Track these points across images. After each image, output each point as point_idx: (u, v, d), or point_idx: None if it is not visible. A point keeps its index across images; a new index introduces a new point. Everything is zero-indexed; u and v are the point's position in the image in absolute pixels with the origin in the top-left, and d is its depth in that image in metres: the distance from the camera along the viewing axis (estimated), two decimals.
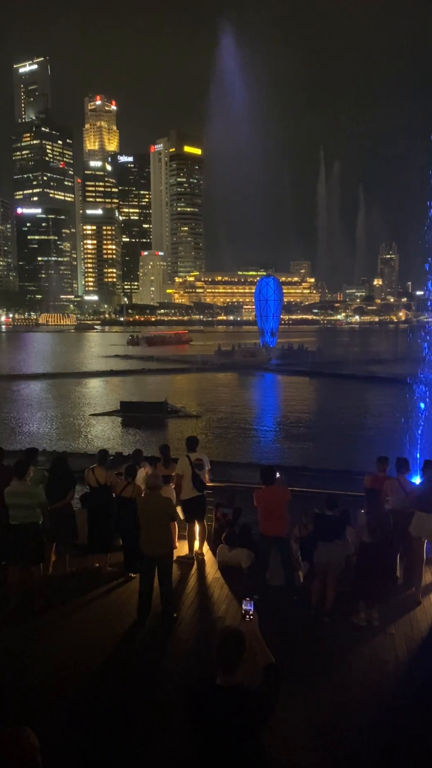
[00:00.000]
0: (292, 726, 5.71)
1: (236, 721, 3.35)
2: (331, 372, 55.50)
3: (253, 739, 3.40)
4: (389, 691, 6.58)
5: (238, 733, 3.35)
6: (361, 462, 20.30)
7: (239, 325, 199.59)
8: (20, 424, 31.35)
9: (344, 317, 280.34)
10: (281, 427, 31.03)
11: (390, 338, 70.09)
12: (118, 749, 5.58)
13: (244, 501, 10.60)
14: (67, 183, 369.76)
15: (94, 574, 9.68)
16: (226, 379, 54.57)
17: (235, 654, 3.43)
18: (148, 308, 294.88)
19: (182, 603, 8.68)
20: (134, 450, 11.27)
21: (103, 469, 9.92)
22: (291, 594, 8.74)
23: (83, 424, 31.23)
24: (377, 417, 33.12)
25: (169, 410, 33.08)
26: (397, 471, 9.55)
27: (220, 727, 3.34)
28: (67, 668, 6.99)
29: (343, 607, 8.21)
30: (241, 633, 3.52)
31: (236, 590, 8.96)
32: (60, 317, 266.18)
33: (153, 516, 8.07)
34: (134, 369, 60.28)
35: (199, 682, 3.75)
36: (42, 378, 52.48)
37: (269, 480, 8.88)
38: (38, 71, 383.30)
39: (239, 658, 3.43)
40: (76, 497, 10.58)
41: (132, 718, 6.03)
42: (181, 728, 5.81)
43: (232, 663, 3.42)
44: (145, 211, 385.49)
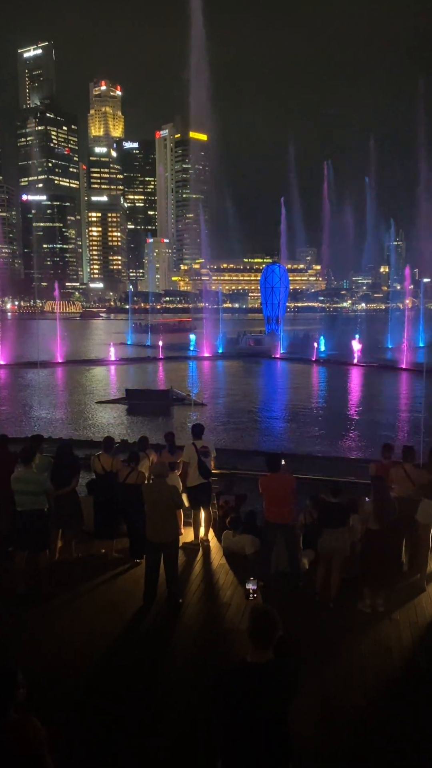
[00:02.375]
0: (296, 712, 5.74)
1: (273, 696, 3.45)
2: (337, 360, 55.35)
3: (285, 713, 3.53)
4: (394, 677, 6.62)
5: (273, 709, 3.46)
6: (366, 449, 20.35)
7: (244, 313, 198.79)
8: (26, 411, 31.46)
9: (350, 304, 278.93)
10: (286, 414, 31.01)
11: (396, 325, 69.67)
12: (125, 733, 5.63)
13: (249, 488, 10.63)
14: (72, 169, 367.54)
15: (101, 560, 9.74)
16: (231, 367, 54.50)
17: (270, 631, 3.52)
18: (154, 296, 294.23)
19: (188, 588, 8.74)
20: (139, 437, 11.29)
21: (108, 456, 9.95)
22: (296, 580, 8.78)
23: (88, 411, 31.30)
24: (383, 405, 33.06)
25: (174, 398, 33.10)
26: (404, 459, 9.54)
27: (257, 704, 3.42)
28: (74, 654, 7.05)
29: (348, 593, 8.25)
30: (274, 611, 3.59)
31: (241, 576, 9.00)
32: (65, 305, 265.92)
33: (159, 503, 8.10)
34: (139, 357, 60.27)
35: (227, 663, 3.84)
36: (47, 366, 52.54)
37: (275, 467, 8.91)
38: (43, 56, 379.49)
39: (274, 635, 3.52)
40: (83, 484, 10.63)
41: (139, 702, 6.09)
42: (188, 711, 5.88)
43: (268, 640, 3.51)
44: (151, 198, 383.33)
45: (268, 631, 3.51)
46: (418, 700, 6.20)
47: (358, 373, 48.49)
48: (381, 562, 8.00)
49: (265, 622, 3.52)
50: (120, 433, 24.28)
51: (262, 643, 3.50)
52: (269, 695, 3.43)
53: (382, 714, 5.95)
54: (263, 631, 3.51)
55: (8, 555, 8.95)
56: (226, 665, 3.76)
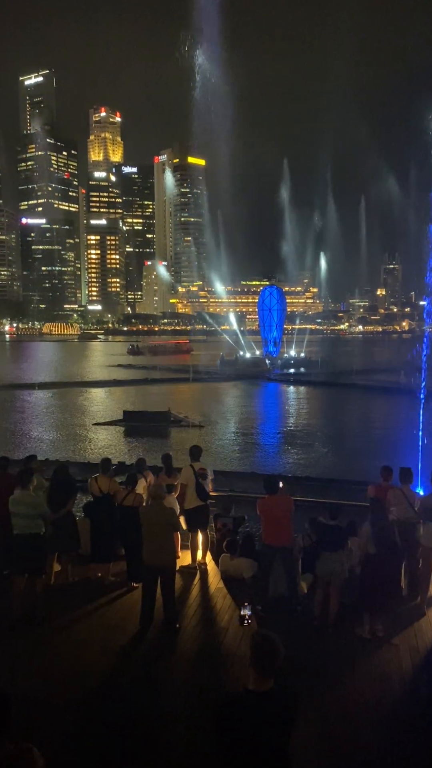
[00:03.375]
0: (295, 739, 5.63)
1: (275, 724, 3.41)
2: (334, 381, 55.45)
3: (287, 742, 3.49)
4: (394, 706, 6.50)
5: (275, 737, 3.42)
6: (364, 472, 20.26)
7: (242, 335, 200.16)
8: (24, 433, 31.35)
9: (348, 327, 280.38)
10: (284, 436, 30.95)
11: (393, 347, 70.14)
12: (122, 762, 5.52)
13: (247, 510, 10.57)
14: (72, 193, 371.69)
15: (97, 584, 9.63)
16: (229, 389, 54.53)
17: (272, 658, 3.46)
18: (152, 318, 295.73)
19: (185, 613, 8.63)
20: (137, 459, 11.25)
21: (105, 478, 9.91)
22: (294, 605, 8.68)
23: (86, 433, 31.21)
24: (381, 426, 33.03)
25: (171, 419, 33.04)
26: (401, 481, 9.50)
27: (259, 733, 3.37)
28: (69, 681, 6.93)
29: (347, 618, 8.15)
30: (276, 638, 3.54)
31: (239, 601, 8.90)
32: (64, 327, 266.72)
33: (156, 526, 8.04)
34: (137, 378, 60.32)
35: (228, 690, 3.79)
36: (45, 387, 52.51)
37: (272, 489, 8.87)
38: (44, 84, 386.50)
39: (276, 663, 3.47)
40: (80, 506, 10.56)
41: (135, 729, 5.98)
42: (185, 738, 5.77)
43: (270, 668, 3.45)
44: (149, 222, 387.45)
45: (271, 659, 3.45)
46: (419, 728, 6.08)
47: (356, 394, 48.53)
48: (380, 586, 7.91)
49: (268, 649, 3.47)
50: (118, 454, 24.19)
51: (265, 671, 3.45)
52: (271, 724, 3.39)
53: (383, 742, 5.84)
54: (266, 658, 3.45)
55: (4, 578, 8.85)
56: (228, 693, 3.70)
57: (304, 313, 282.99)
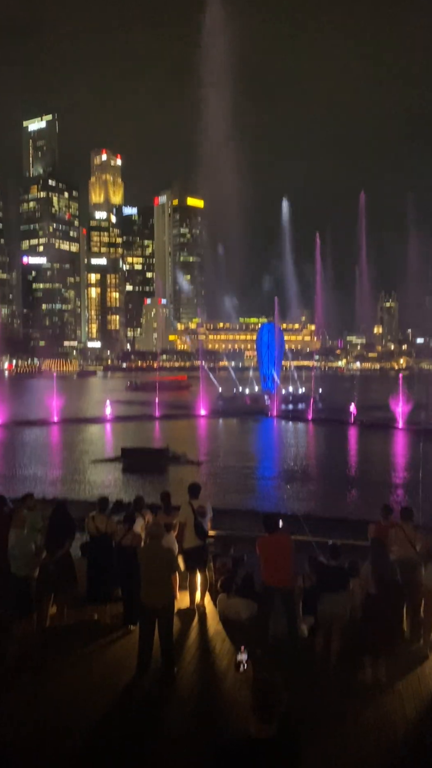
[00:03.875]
0: None
1: None
2: (333, 418, 55.38)
3: None
4: (398, 753, 6.31)
5: None
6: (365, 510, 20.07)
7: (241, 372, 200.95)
8: (21, 470, 31.13)
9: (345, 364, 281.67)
10: (284, 473, 30.76)
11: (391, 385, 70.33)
12: None
13: (246, 550, 10.42)
14: (73, 233, 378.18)
15: (93, 627, 9.43)
16: (227, 425, 54.42)
17: (275, 704, 3.38)
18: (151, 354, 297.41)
19: (183, 657, 8.42)
20: (135, 497, 11.15)
21: (103, 517, 9.81)
22: (294, 648, 8.47)
23: (84, 470, 30.99)
24: (381, 464, 32.87)
25: (170, 457, 32.88)
26: (402, 520, 9.42)
27: None
28: (62, 728, 6.73)
29: (349, 662, 7.96)
30: (279, 683, 3.45)
31: (238, 644, 8.69)
32: (63, 363, 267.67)
33: (154, 566, 7.92)
34: (135, 415, 60.22)
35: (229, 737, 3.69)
36: (42, 424, 52.36)
37: (272, 528, 8.75)
38: (47, 128, 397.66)
39: (279, 709, 3.38)
40: (77, 546, 10.41)
41: None
42: None
43: (273, 714, 3.36)
44: (149, 261, 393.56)
45: (274, 705, 3.37)
46: None
47: (355, 432, 48.43)
48: (381, 628, 7.75)
49: (270, 694, 3.39)
50: (115, 492, 23.97)
51: (267, 717, 3.36)
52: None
53: None
54: (268, 704, 3.37)
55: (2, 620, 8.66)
56: (228, 740, 3.59)
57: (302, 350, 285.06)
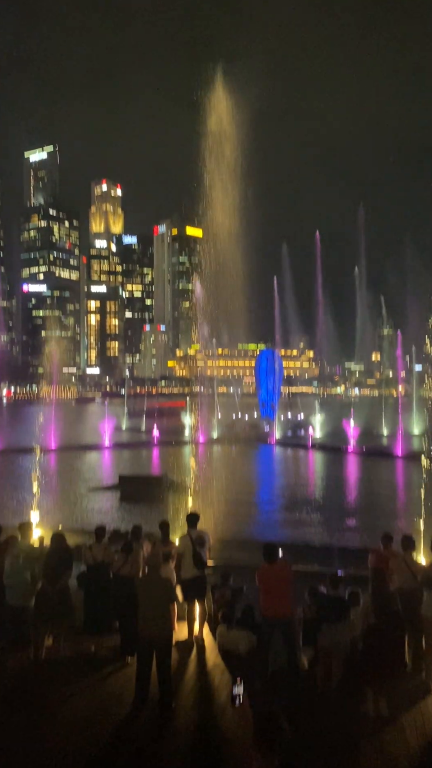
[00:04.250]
0: None
1: None
2: (333, 446, 55.18)
3: None
4: None
5: None
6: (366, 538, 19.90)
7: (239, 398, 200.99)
8: (15, 498, 30.86)
9: (343, 390, 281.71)
10: (283, 501, 30.52)
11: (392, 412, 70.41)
12: None
13: (245, 580, 10.30)
14: (73, 262, 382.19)
15: (90, 659, 9.27)
16: (226, 452, 54.16)
17: (278, 738, 3.31)
18: (150, 380, 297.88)
19: (181, 690, 8.27)
20: (133, 526, 11.06)
21: (100, 546, 9.72)
22: (295, 680, 8.33)
23: (81, 498, 30.75)
24: (381, 492, 32.66)
25: (168, 484, 32.66)
26: (403, 548, 9.35)
27: None
28: (60, 762, 6.59)
29: (350, 694, 7.82)
30: (281, 716, 3.39)
31: (238, 676, 8.54)
32: (61, 390, 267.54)
33: (152, 597, 7.83)
34: (133, 442, 60.00)
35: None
36: (39, 451, 52.11)
37: (271, 558, 8.67)
38: (48, 159, 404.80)
39: (281, 743, 3.32)
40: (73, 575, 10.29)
41: None
42: None
43: (274, 747, 3.29)
44: (148, 288, 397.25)
45: (275, 738, 3.30)
46: None
47: (354, 459, 48.23)
48: (382, 660, 7.63)
49: (271, 727, 3.33)
50: (113, 521, 23.75)
51: (268, 751, 3.29)
52: None
53: None
54: (269, 737, 3.30)
55: None
56: None
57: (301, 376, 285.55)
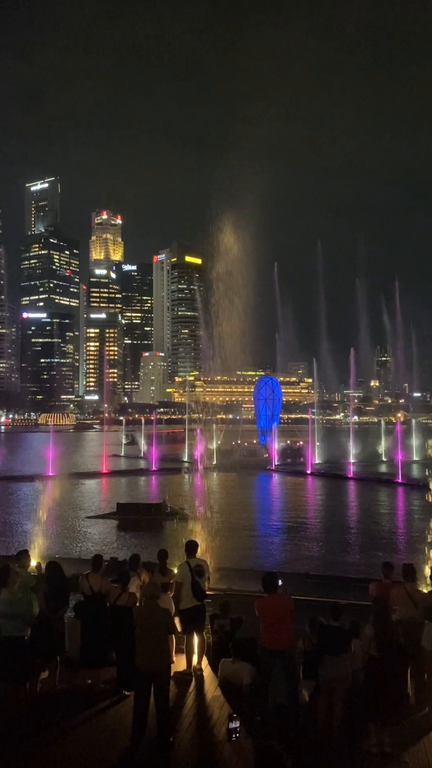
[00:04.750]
0: None
1: None
2: (332, 473, 54.94)
3: None
4: None
5: None
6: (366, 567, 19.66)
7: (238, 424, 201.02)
8: (13, 526, 30.55)
9: (343, 417, 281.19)
10: (283, 529, 30.23)
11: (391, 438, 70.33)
12: None
13: (245, 611, 10.12)
14: (73, 289, 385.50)
15: (86, 693, 9.05)
16: (226, 479, 53.82)
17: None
18: (148, 407, 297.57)
19: (179, 725, 8.06)
20: (131, 555, 10.93)
21: (97, 576, 9.57)
22: (295, 715, 8.11)
23: (78, 526, 30.45)
24: (381, 519, 32.38)
25: (167, 512, 32.38)
26: (404, 578, 9.21)
27: None
28: None
29: (353, 729, 7.61)
30: (282, 751, 3.30)
31: (237, 710, 8.34)
32: (60, 417, 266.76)
33: (150, 628, 7.67)
34: (131, 469, 59.66)
35: None
36: (37, 479, 51.75)
37: (271, 588, 8.52)
38: (49, 189, 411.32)
39: None
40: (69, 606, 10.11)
41: None
42: None
43: None
44: (147, 315, 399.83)
45: None
46: None
47: (353, 486, 47.93)
48: (385, 693, 7.44)
49: (274, 764, 3.24)
50: (110, 550, 23.50)
51: None
52: None
53: None
54: None
55: None
56: None
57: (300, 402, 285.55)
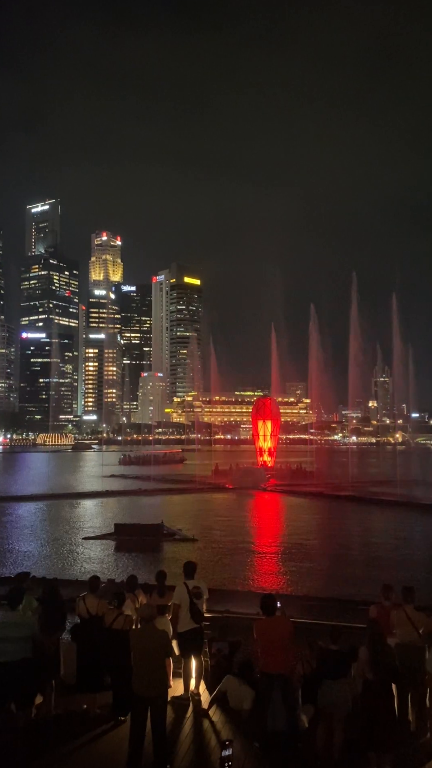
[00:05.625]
0: None
1: None
2: (330, 493, 54.71)
3: None
4: None
5: None
6: (366, 589, 19.47)
7: (236, 444, 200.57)
8: (10, 548, 30.26)
9: (341, 438, 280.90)
10: (282, 550, 29.98)
11: (389, 459, 70.24)
12: None
13: (243, 634, 10.00)
14: (72, 310, 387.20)
15: (81, 718, 8.89)
16: (224, 500, 53.54)
17: None
18: (146, 427, 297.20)
19: (176, 751, 7.90)
20: (128, 576, 10.83)
21: (94, 598, 9.47)
22: (294, 740, 7.97)
23: (75, 547, 30.17)
24: (381, 541, 32.14)
25: (165, 533, 32.16)
26: (404, 600, 9.12)
27: None
28: None
29: (353, 756, 7.48)
30: None
31: (236, 737, 8.20)
32: (58, 437, 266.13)
33: (146, 651, 7.57)
34: (129, 489, 59.38)
35: None
36: (34, 499, 51.42)
37: (270, 611, 8.44)
38: (49, 211, 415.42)
39: None
40: (66, 629, 10.00)
41: None
42: None
43: None
44: (146, 336, 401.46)
45: None
46: None
47: (352, 506, 47.69)
48: (381, 719, 7.30)
49: None
50: (107, 571, 23.28)
51: None
52: None
53: None
54: None
55: None
56: None
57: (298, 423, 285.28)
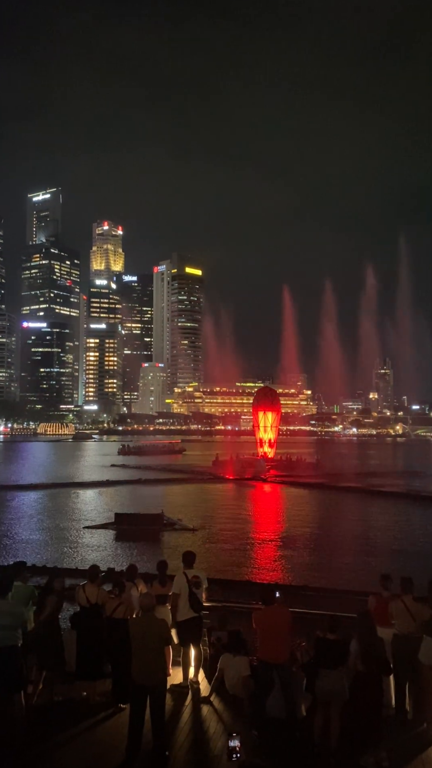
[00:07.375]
0: None
1: None
2: (330, 484, 54.87)
3: None
4: None
5: None
6: (364, 579, 19.56)
7: (237, 435, 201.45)
8: (10, 536, 30.40)
9: (342, 429, 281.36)
10: (281, 540, 30.11)
11: (389, 451, 70.35)
12: None
13: (242, 623, 10.06)
14: (73, 299, 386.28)
15: (81, 705, 8.96)
16: (223, 490, 53.71)
17: None
18: (147, 417, 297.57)
19: (175, 739, 7.97)
20: (128, 565, 10.88)
21: (94, 587, 9.50)
22: (292, 728, 8.03)
23: (76, 536, 30.31)
24: (380, 532, 32.25)
25: (165, 522, 32.29)
26: (403, 591, 9.14)
27: None
28: None
29: (350, 744, 7.53)
30: None
31: (234, 724, 8.26)
32: (59, 426, 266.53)
33: (146, 640, 7.60)
34: (130, 479, 59.57)
35: None
36: (35, 489, 51.59)
37: (269, 600, 8.48)
38: (50, 200, 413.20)
39: None
40: (66, 618, 10.05)
41: None
42: None
43: None
44: (147, 326, 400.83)
45: None
46: None
47: (352, 497, 47.82)
48: (371, 708, 7.32)
49: None
50: (107, 560, 23.39)
51: None
52: None
53: None
54: None
55: None
56: None
57: (299, 414, 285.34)
